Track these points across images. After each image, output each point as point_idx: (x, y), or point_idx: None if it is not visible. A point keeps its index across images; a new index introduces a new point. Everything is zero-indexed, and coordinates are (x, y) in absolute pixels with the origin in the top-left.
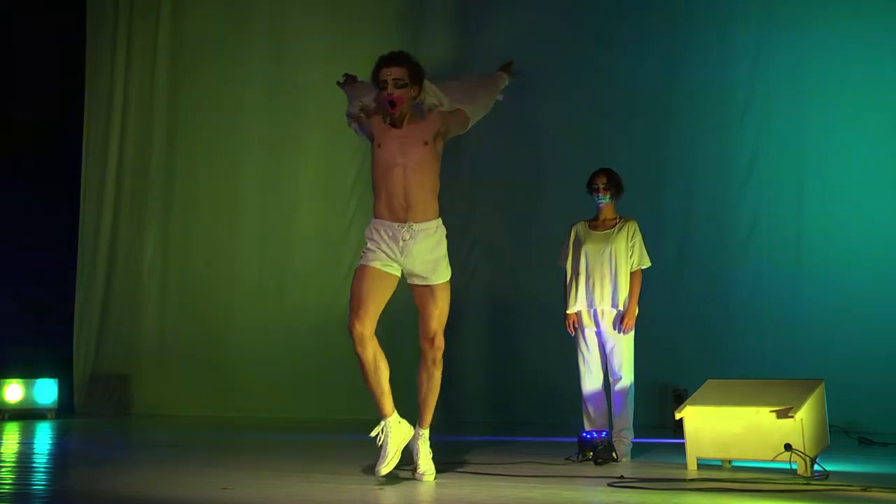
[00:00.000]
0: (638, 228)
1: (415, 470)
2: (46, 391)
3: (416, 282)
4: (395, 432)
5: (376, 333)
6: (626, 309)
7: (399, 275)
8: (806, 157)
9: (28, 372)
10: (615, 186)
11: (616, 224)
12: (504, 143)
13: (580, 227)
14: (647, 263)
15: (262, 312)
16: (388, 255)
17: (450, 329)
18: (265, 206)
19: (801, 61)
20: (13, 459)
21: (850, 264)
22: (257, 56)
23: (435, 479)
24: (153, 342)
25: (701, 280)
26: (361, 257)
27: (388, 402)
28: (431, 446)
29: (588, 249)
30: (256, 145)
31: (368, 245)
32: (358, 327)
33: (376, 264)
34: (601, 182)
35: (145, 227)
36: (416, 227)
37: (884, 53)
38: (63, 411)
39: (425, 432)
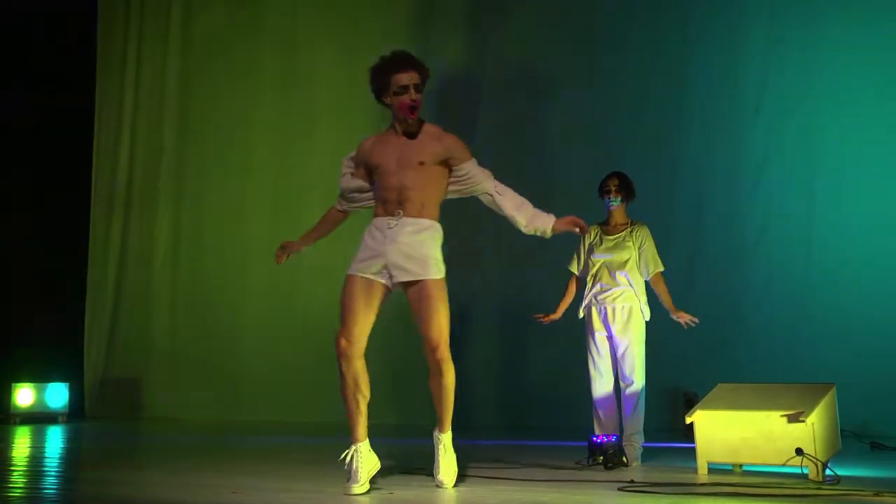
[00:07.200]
0: (649, 233)
1: (435, 476)
2: (57, 395)
3: (401, 277)
4: (366, 460)
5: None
6: (673, 311)
7: (386, 282)
8: (817, 157)
9: (39, 376)
10: (627, 189)
11: (627, 228)
12: (514, 146)
13: (593, 231)
14: (660, 267)
15: (273, 316)
16: (371, 255)
17: (460, 333)
18: (276, 209)
19: (812, 60)
20: (24, 463)
21: (862, 266)
22: (268, 56)
23: (455, 486)
24: (163, 346)
25: (712, 282)
26: (350, 264)
27: (362, 426)
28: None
29: (600, 254)
30: (267, 145)
31: (360, 247)
32: (343, 342)
33: (361, 273)
34: (613, 184)
35: (155, 230)
36: (405, 219)
37: None
38: (74, 415)
39: (444, 436)
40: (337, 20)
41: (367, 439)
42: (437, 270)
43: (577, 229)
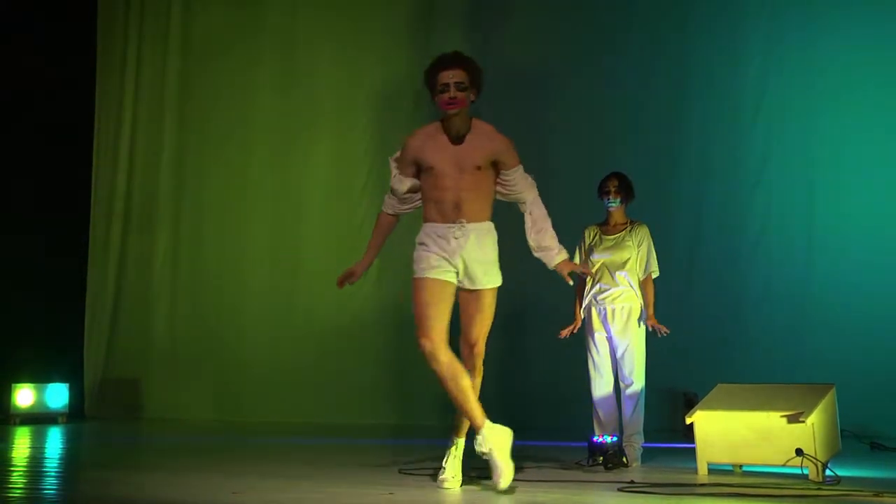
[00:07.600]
0: (648, 233)
1: (438, 476)
2: (57, 396)
3: (467, 285)
4: (496, 441)
5: None
6: (648, 318)
7: (455, 281)
8: (817, 159)
9: (39, 376)
10: (626, 190)
11: (626, 228)
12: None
13: (592, 232)
14: (654, 269)
15: (273, 316)
16: (441, 259)
17: (459, 333)
18: (275, 210)
19: (812, 60)
20: (24, 463)
21: (862, 267)
22: (267, 55)
23: (460, 487)
24: (163, 346)
25: (711, 283)
26: (415, 267)
27: (478, 412)
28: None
29: (599, 254)
30: (266, 147)
31: (420, 252)
32: (426, 344)
33: (430, 274)
34: (612, 185)
35: (155, 231)
36: (468, 225)
37: None
38: (74, 415)
39: (459, 441)
40: (337, 20)
41: (487, 420)
42: (496, 278)
43: (570, 279)
